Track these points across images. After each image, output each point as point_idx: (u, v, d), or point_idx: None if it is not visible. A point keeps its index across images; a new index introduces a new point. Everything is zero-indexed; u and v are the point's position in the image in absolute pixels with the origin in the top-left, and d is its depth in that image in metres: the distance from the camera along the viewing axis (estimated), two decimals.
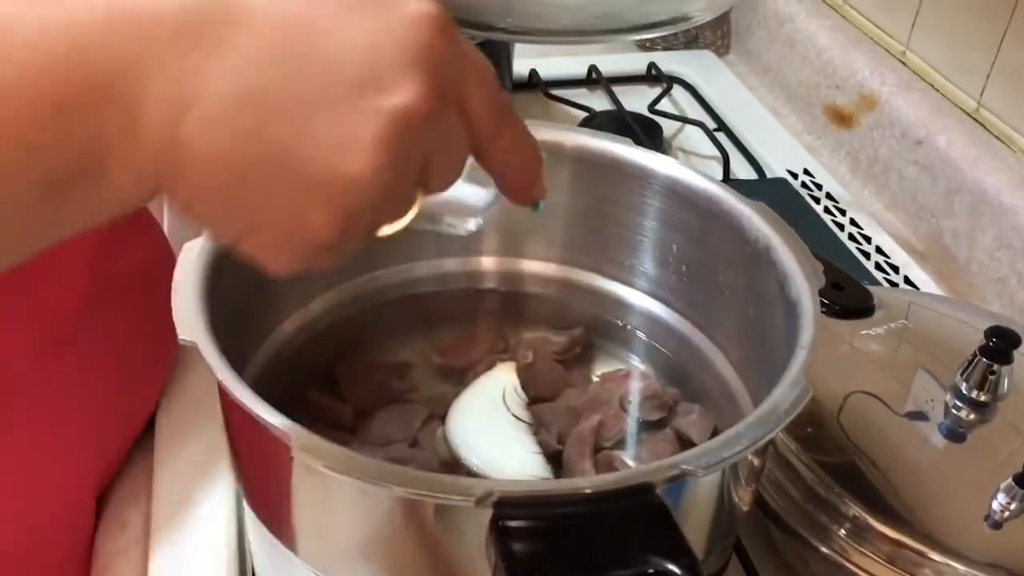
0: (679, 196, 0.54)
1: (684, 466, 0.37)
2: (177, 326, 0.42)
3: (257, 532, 0.49)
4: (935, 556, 0.49)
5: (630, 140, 0.56)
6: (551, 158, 0.56)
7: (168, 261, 0.60)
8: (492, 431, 0.52)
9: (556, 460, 0.52)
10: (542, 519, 0.35)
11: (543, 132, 0.57)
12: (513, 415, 0.52)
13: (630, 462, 0.53)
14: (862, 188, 0.91)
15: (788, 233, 0.50)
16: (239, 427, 0.45)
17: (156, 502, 0.59)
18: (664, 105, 0.99)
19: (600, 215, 0.58)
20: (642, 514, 0.36)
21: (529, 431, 0.52)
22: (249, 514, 0.48)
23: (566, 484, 0.38)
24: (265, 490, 0.45)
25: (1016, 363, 0.56)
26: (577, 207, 0.58)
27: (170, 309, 0.43)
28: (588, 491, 0.36)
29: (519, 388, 0.54)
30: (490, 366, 0.57)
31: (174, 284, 0.44)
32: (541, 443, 0.52)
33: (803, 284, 0.47)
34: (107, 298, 0.57)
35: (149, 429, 0.63)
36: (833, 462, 0.54)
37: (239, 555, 0.56)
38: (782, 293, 0.48)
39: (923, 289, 0.78)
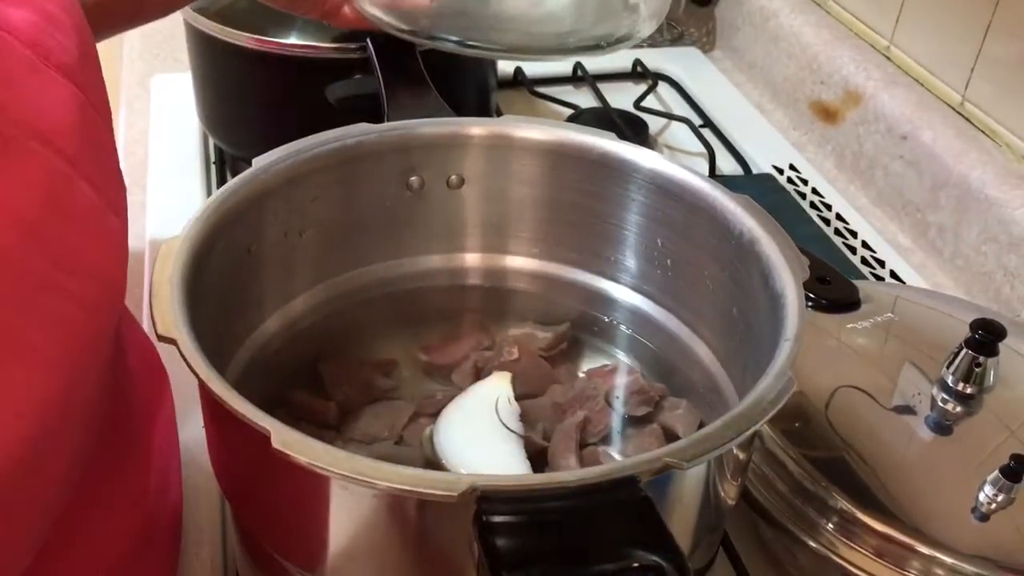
0: (663, 190, 0.54)
1: (668, 459, 0.37)
2: (156, 324, 0.41)
3: (239, 532, 0.49)
4: (923, 549, 0.49)
5: (613, 135, 0.56)
6: (534, 153, 0.57)
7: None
8: (481, 442, 0.51)
9: (542, 457, 0.51)
10: (525, 513, 0.35)
11: (526, 128, 0.57)
12: (504, 425, 0.52)
13: (617, 457, 0.52)
14: (848, 183, 0.91)
15: (773, 226, 0.50)
16: (220, 425, 0.44)
17: None
18: (650, 102, 0.99)
19: (584, 210, 0.57)
20: (626, 507, 0.36)
21: (519, 443, 0.51)
22: (231, 514, 0.48)
23: (549, 478, 0.37)
24: (245, 489, 0.45)
25: (1002, 355, 0.56)
26: (561, 202, 0.58)
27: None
28: (571, 485, 0.36)
29: (512, 398, 0.53)
30: (476, 364, 0.57)
31: (153, 282, 0.43)
32: (527, 440, 0.51)
33: (788, 277, 0.47)
34: None
35: None
36: (821, 456, 0.53)
37: (223, 556, 0.56)
38: (767, 286, 0.48)
39: (909, 283, 0.78)
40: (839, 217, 0.85)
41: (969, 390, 0.55)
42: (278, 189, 0.52)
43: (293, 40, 0.75)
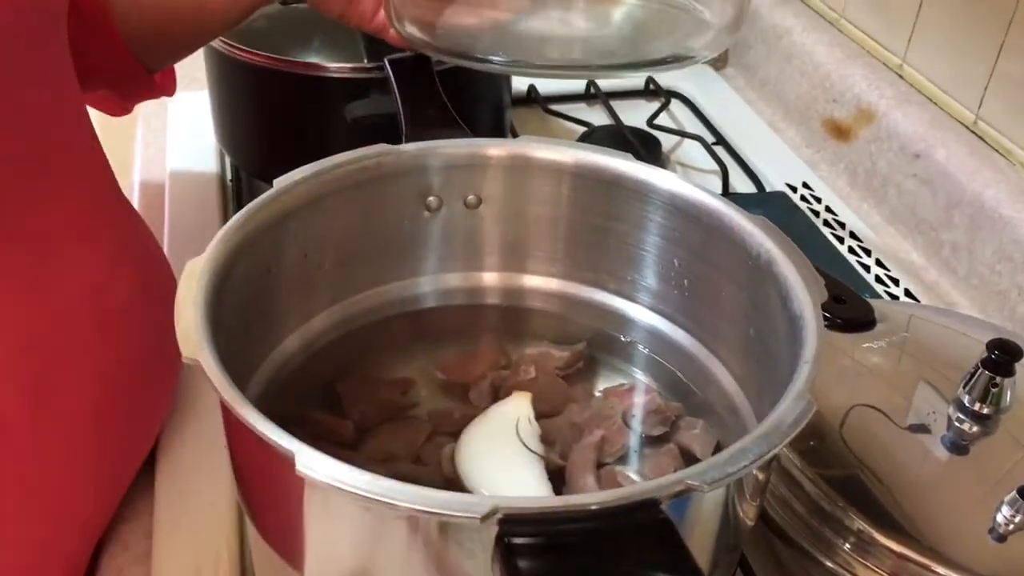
0: (680, 211, 0.55)
1: (689, 481, 0.37)
2: (180, 344, 0.42)
3: (260, 550, 0.49)
4: (939, 569, 0.49)
5: (630, 155, 0.56)
6: (552, 173, 0.57)
7: (170, 283, 0.60)
8: (502, 463, 0.51)
9: (559, 476, 0.52)
10: (547, 535, 0.35)
11: (544, 149, 0.57)
12: (525, 446, 0.52)
13: (633, 477, 0.53)
14: (861, 201, 0.92)
15: (790, 247, 0.50)
16: (242, 445, 0.45)
17: (158, 521, 0.59)
18: (663, 119, 0.99)
19: (601, 230, 0.58)
20: (647, 530, 0.36)
21: (541, 464, 0.51)
22: (252, 532, 0.48)
23: (571, 500, 0.37)
24: (268, 508, 0.45)
25: (1018, 375, 0.56)
26: (578, 222, 0.58)
27: (171, 332, 0.42)
28: (593, 507, 0.36)
29: (532, 418, 0.54)
30: (493, 383, 0.57)
31: (176, 302, 0.44)
32: (545, 460, 0.52)
33: (805, 298, 0.47)
34: (105, 331, 0.57)
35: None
36: (836, 476, 0.54)
37: (241, 574, 0.56)
38: (784, 307, 0.48)
39: (924, 302, 0.78)
40: (853, 235, 0.85)
41: (986, 410, 0.55)
42: (298, 210, 0.52)
43: (310, 59, 0.76)
